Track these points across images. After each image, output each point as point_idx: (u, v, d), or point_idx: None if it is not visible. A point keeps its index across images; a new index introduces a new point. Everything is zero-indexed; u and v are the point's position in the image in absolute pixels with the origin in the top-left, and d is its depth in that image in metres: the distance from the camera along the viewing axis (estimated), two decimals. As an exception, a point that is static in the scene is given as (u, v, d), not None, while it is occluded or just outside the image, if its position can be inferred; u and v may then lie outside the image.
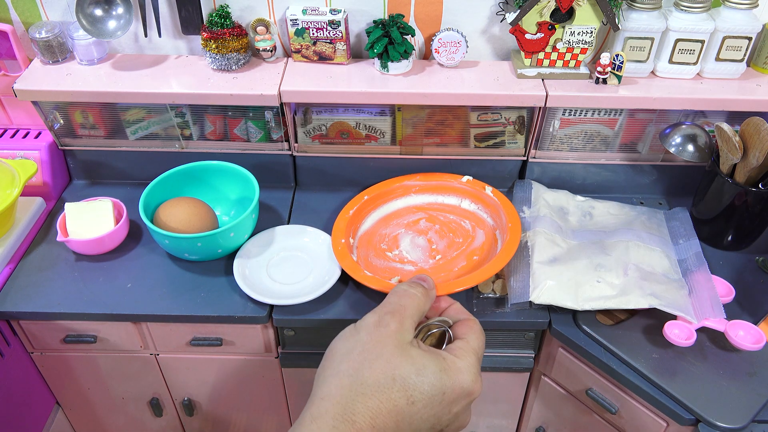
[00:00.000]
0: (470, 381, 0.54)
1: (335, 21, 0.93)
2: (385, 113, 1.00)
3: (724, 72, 0.95)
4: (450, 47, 0.95)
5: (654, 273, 0.87)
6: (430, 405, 0.52)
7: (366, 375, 0.52)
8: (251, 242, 0.95)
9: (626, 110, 0.97)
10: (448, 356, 0.55)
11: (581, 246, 0.91)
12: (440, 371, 0.53)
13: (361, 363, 0.53)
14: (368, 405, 0.50)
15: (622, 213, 1.00)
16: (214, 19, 0.94)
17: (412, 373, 0.52)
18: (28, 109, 1.05)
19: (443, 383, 0.52)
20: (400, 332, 0.55)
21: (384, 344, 0.54)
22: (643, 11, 0.90)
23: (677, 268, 0.89)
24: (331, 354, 0.56)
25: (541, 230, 0.92)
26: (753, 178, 0.88)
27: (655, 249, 0.91)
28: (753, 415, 0.73)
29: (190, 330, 0.93)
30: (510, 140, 1.02)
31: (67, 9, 0.97)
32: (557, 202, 1.01)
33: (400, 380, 0.52)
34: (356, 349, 0.55)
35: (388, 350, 0.54)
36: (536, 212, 0.97)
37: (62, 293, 0.89)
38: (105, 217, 0.94)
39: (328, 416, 0.50)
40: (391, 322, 0.56)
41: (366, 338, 0.55)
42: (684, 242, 0.93)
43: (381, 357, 0.53)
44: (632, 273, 0.86)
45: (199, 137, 1.04)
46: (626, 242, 0.91)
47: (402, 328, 0.56)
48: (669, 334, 0.78)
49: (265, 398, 1.05)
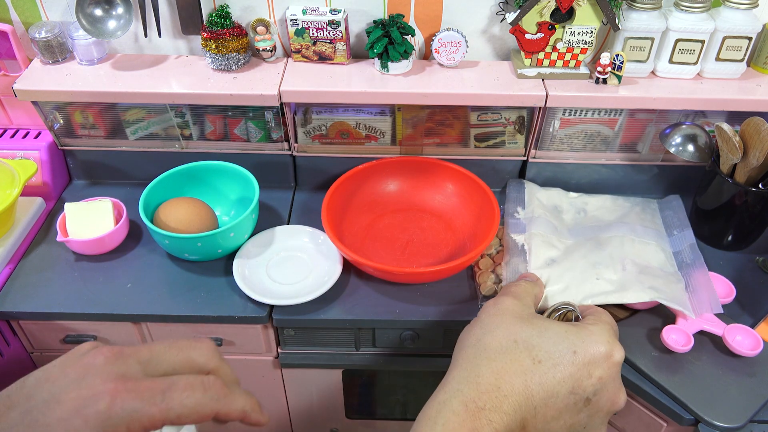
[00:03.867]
0: (604, 341, 0.53)
1: (335, 21, 0.93)
2: (385, 113, 1.00)
3: (724, 72, 0.95)
4: (450, 47, 0.95)
5: (650, 266, 0.87)
6: (560, 364, 0.51)
7: (488, 341, 0.53)
8: (251, 242, 0.95)
9: (626, 110, 0.97)
10: (576, 323, 0.56)
11: (577, 245, 0.91)
12: (566, 332, 0.53)
13: (483, 333, 0.55)
14: (492, 367, 0.51)
15: (616, 206, 1.00)
16: (214, 19, 0.94)
17: (534, 335, 0.53)
18: (28, 109, 1.05)
19: (571, 341, 0.52)
20: (518, 306, 0.57)
21: (503, 316, 0.56)
22: (643, 11, 0.90)
23: (673, 261, 0.89)
24: (458, 340, 0.58)
25: (537, 232, 0.91)
26: (753, 178, 0.88)
27: (650, 243, 0.91)
28: (751, 415, 0.73)
29: (190, 330, 0.93)
30: (510, 140, 1.02)
31: (67, 9, 0.97)
32: (551, 200, 1.01)
33: (522, 342, 0.52)
34: (476, 326, 0.56)
35: (507, 319, 0.55)
36: (531, 213, 0.96)
37: (62, 293, 0.89)
38: (105, 217, 0.94)
39: (454, 381, 0.51)
40: (506, 298, 0.58)
41: (484, 317, 0.57)
42: (678, 233, 0.93)
43: (500, 326, 0.55)
44: (629, 267, 0.85)
45: (199, 137, 1.04)
46: (621, 237, 0.91)
47: (520, 303, 0.58)
48: (666, 339, 0.78)
49: (265, 398, 1.05)
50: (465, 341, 0.56)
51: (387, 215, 1.02)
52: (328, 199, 0.93)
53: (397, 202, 1.03)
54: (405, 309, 0.88)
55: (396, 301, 0.89)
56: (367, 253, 0.95)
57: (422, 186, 1.03)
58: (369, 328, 0.91)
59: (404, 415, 1.11)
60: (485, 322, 0.56)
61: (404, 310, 0.88)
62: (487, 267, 0.91)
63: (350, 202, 0.99)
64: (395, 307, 0.88)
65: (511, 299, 0.58)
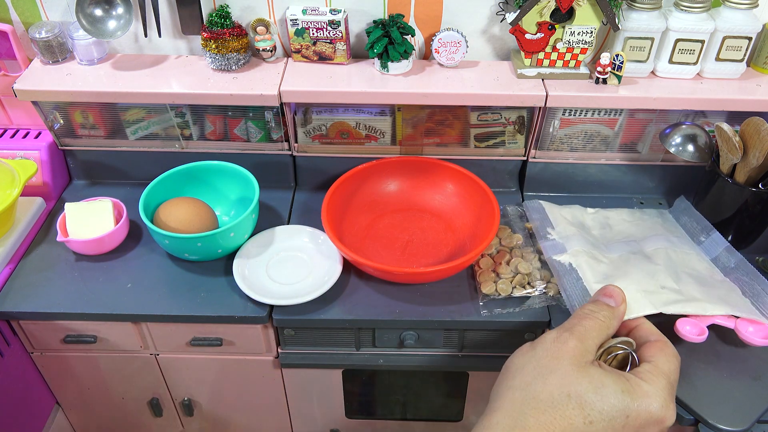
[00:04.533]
0: (658, 406, 0.50)
1: (335, 21, 0.93)
2: (385, 113, 1.00)
3: (724, 72, 0.95)
4: (450, 47, 0.95)
5: (702, 276, 0.84)
6: (610, 428, 0.48)
7: (539, 389, 0.49)
8: (251, 242, 0.95)
9: (626, 110, 0.97)
10: (632, 378, 0.51)
11: (623, 258, 0.87)
12: (622, 392, 0.49)
13: (534, 377, 0.51)
14: (540, 420, 0.47)
15: (635, 218, 0.98)
16: (214, 19, 0.94)
17: (589, 390, 0.49)
18: (28, 109, 1.05)
19: (626, 405, 0.49)
20: (579, 350, 0.52)
21: (560, 360, 0.51)
22: (643, 11, 0.90)
23: (716, 268, 0.87)
24: (506, 370, 0.54)
25: (580, 249, 0.87)
26: (753, 178, 0.88)
27: (689, 252, 0.89)
28: (755, 419, 0.73)
29: (190, 330, 0.93)
30: (510, 140, 1.02)
31: (67, 9, 0.97)
32: (575, 218, 0.98)
33: (576, 397, 0.48)
34: (530, 364, 0.52)
35: (563, 366, 0.51)
36: (563, 232, 0.92)
37: (62, 293, 0.89)
38: (105, 217, 0.94)
39: (498, 427, 0.48)
40: (569, 339, 0.53)
41: (541, 353, 0.53)
42: (705, 239, 0.91)
43: (555, 372, 0.50)
44: (685, 279, 0.83)
45: (199, 137, 1.04)
46: (665, 249, 0.88)
47: (582, 347, 0.53)
48: (681, 330, 0.77)
49: (265, 398, 1.05)
50: (513, 380, 0.51)
51: (387, 215, 1.02)
52: (328, 199, 0.93)
53: (397, 202, 1.03)
54: (405, 309, 0.88)
55: (396, 301, 0.89)
56: (367, 253, 0.95)
57: (422, 186, 1.03)
58: (369, 328, 0.91)
59: (404, 415, 1.11)
60: (541, 363, 0.52)
61: (404, 310, 0.88)
62: (488, 267, 0.91)
63: (350, 202, 0.99)
64: (395, 307, 0.88)
65: (575, 342, 0.53)
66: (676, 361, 0.55)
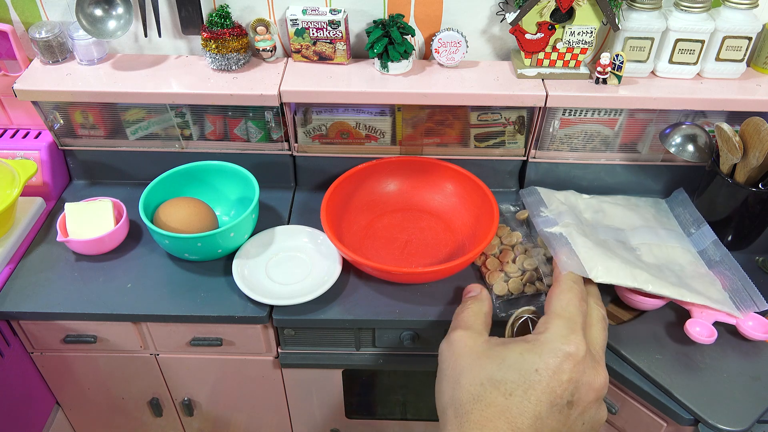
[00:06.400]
0: (559, 344, 0.53)
1: (335, 21, 0.93)
2: (385, 113, 1.00)
3: (724, 72, 0.95)
4: (450, 47, 0.95)
5: (684, 269, 0.86)
6: (530, 387, 0.51)
7: (459, 395, 0.53)
8: (251, 242, 0.95)
9: (626, 110, 0.97)
10: (531, 336, 0.55)
11: (609, 243, 0.89)
12: (522, 353, 0.53)
13: (453, 388, 0.54)
14: (473, 420, 0.50)
15: (631, 204, 1.00)
16: (214, 19, 0.94)
17: (494, 369, 0.53)
18: (28, 109, 1.05)
19: (532, 361, 0.52)
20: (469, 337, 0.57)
21: (460, 358, 0.55)
22: (643, 11, 0.90)
23: (701, 261, 0.88)
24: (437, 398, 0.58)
25: (570, 222, 0.88)
26: (753, 178, 0.88)
27: (675, 246, 0.90)
28: (755, 419, 0.73)
29: (190, 330, 0.93)
30: (510, 140, 1.02)
31: (67, 9, 0.97)
32: (568, 201, 0.99)
33: (488, 381, 0.52)
34: (444, 380, 0.56)
35: (465, 362, 0.55)
36: (556, 209, 0.93)
37: (62, 293, 0.89)
38: (105, 217, 0.94)
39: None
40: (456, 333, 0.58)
41: (444, 366, 0.57)
42: (696, 231, 0.92)
43: (463, 372, 0.54)
44: (667, 272, 0.84)
45: (199, 137, 1.04)
46: (648, 245, 0.90)
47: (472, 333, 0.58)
48: (691, 332, 0.77)
49: (265, 398, 1.05)
50: (442, 400, 0.55)
51: (386, 215, 1.02)
52: (327, 199, 0.93)
53: (396, 202, 1.03)
54: (405, 309, 0.88)
55: (396, 301, 0.89)
56: (366, 253, 0.95)
57: (422, 186, 1.03)
58: (369, 328, 0.91)
59: (404, 415, 1.11)
60: (447, 373, 0.56)
61: (404, 310, 0.88)
62: (495, 267, 0.91)
63: (350, 202, 0.99)
64: (395, 307, 0.88)
65: (461, 331, 0.58)
66: (567, 294, 0.59)
